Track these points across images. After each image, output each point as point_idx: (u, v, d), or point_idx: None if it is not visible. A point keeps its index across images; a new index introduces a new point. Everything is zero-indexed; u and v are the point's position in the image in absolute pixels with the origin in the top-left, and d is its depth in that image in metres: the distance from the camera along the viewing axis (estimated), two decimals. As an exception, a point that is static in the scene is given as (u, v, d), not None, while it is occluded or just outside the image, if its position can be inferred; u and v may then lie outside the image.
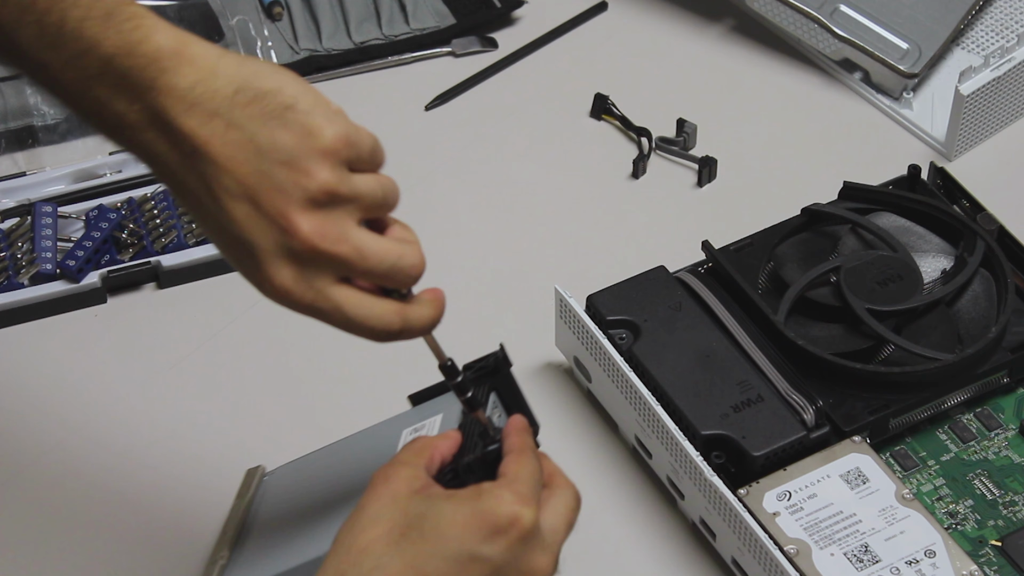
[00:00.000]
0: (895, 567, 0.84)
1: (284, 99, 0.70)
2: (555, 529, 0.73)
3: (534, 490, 0.73)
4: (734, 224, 1.04)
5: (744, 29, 1.25)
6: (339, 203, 0.70)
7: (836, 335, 0.95)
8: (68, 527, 0.94)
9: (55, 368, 1.03)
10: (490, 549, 0.70)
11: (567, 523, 0.74)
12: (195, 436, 0.99)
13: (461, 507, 0.71)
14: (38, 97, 1.16)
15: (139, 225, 1.08)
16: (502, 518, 0.71)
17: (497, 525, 0.70)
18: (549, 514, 0.73)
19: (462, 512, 0.71)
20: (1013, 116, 1.16)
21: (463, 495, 0.72)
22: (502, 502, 0.71)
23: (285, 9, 1.24)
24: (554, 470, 0.76)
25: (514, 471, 0.73)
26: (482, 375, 0.81)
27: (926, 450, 0.94)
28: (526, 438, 0.76)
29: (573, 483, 0.76)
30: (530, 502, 0.72)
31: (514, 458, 0.74)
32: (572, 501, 0.75)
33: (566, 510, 0.74)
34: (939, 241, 1.00)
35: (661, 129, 1.16)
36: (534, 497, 0.72)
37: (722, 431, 0.89)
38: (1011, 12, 1.22)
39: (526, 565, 0.71)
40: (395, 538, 0.70)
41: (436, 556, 0.70)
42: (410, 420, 0.85)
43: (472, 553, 0.70)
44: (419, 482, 0.73)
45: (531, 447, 0.75)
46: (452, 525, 0.70)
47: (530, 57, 1.23)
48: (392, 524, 0.71)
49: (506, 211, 1.12)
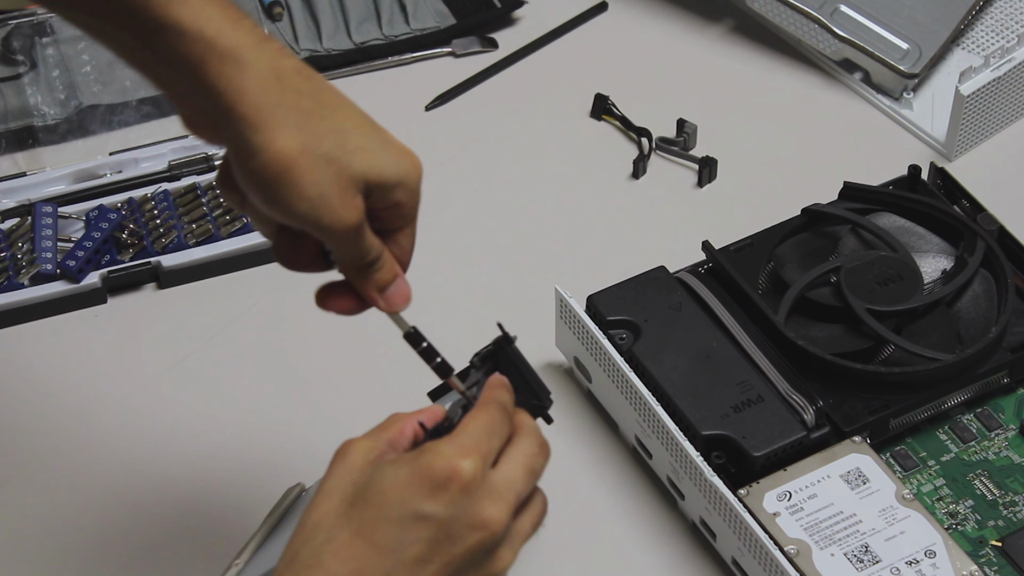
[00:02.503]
0: (895, 567, 0.84)
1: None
2: (509, 478, 0.71)
3: (479, 441, 0.70)
4: (734, 224, 1.04)
5: (744, 29, 1.25)
6: None
7: (836, 335, 0.95)
8: (67, 527, 0.94)
9: (55, 368, 1.03)
10: (432, 505, 0.68)
11: (526, 470, 0.72)
12: (195, 436, 0.99)
13: (402, 468, 0.69)
14: (38, 97, 1.16)
15: (139, 225, 1.08)
16: (440, 472, 0.68)
17: (435, 480, 0.68)
18: (505, 464, 0.71)
19: (402, 472, 0.69)
20: (1013, 116, 1.16)
21: (406, 457, 0.70)
22: (440, 456, 0.69)
23: (285, 9, 1.24)
24: (520, 423, 0.73)
25: (463, 425, 0.71)
26: (486, 357, 0.80)
27: (926, 450, 0.94)
28: (494, 393, 0.74)
29: (540, 431, 0.74)
30: (470, 453, 0.69)
31: (470, 414, 0.72)
32: (531, 448, 0.72)
33: (524, 456, 0.72)
34: (939, 241, 1.00)
35: (661, 129, 1.16)
36: (477, 448, 0.70)
37: (722, 431, 0.89)
38: (1011, 12, 1.22)
39: (475, 517, 0.69)
40: (344, 509, 0.69)
41: (381, 520, 0.68)
42: None
43: (415, 512, 0.68)
44: (374, 453, 0.71)
45: (495, 401, 0.73)
46: (393, 487, 0.69)
47: (530, 57, 1.23)
48: (343, 496, 0.70)
49: (506, 211, 1.12)
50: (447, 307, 1.04)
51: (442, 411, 0.75)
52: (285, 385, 1.02)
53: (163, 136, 1.14)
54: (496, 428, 0.72)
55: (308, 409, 1.00)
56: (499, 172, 1.15)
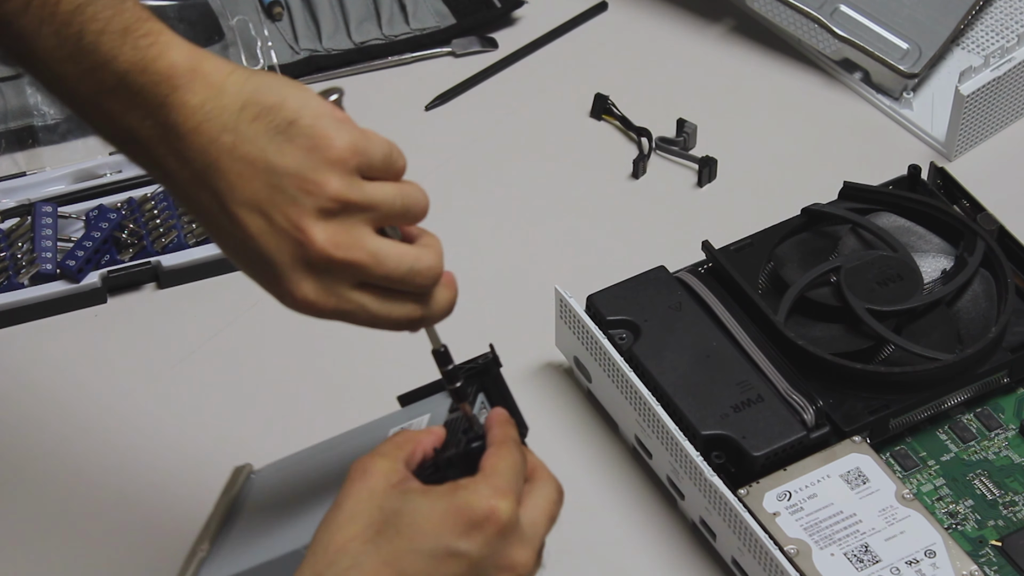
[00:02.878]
0: (895, 567, 0.84)
1: (287, 113, 0.70)
2: (535, 523, 0.72)
3: (512, 483, 0.71)
4: (734, 224, 1.04)
5: (744, 29, 1.25)
6: (352, 211, 0.70)
7: (836, 335, 0.95)
8: (68, 526, 0.94)
9: (55, 368, 1.03)
10: (467, 544, 0.69)
11: (548, 516, 0.73)
12: (195, 436, 0.99)
13: (438, 502, 0.70)
14: (38, 97, 1.16)
15: (139, 225, 1.08)
16: (479, 512, 0.69)
17: (474, 519, 0.69)
18: (529, 508, 0.72)
19: (439, 507, 0.70)
20: (1013, 116, 1.16)
21: (440, 490, 0.71)
22: (479, 496, 0.70)
23: (285, 9, 1.24)
24: (536, 464, 0.75)
25: (492, 464, 0.72)
26: (472, 375, 0.81)
27: (926, 450, 0.94)
28: (507, 430, 0.75)
29: (555, 476, 0.75)
30: (508, 495, 0.70)
31: (494, 451, 0.73)
32: (553, 494, 0.74)
33: (547, 503, 0.73)
34: (939, 241, 1.00)
35: (661, 129, 1.16)
36: (512, 490, 0.71)
37: (722, 431, 0.89)
38: (1011, 12, 1.22)
39: (505, 560, 0.70)
40: (371, 535, 0.69)
41: (413, 552, 0.69)
42: (398, 420, 0.85)
43: (449, 548, 0.69)
44: (396, 476, 0.72)
45: (512, 440, 0.74)
46: (428, 520, 0.69)
47: (530, 57, 1.23)
48: (369, 521, 0.70)
49: (506, 211, 1.12)
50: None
51: (443, 432, 0.76)
52: (285, 385, 1.02)
53: (163, 136, 1.14)
54: (520, 469, 0.73)
55: (308, 409, 1.00)
56: (499, 172, 1.15)
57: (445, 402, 0.82)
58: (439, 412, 0.82)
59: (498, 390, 0.81)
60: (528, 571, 0.71)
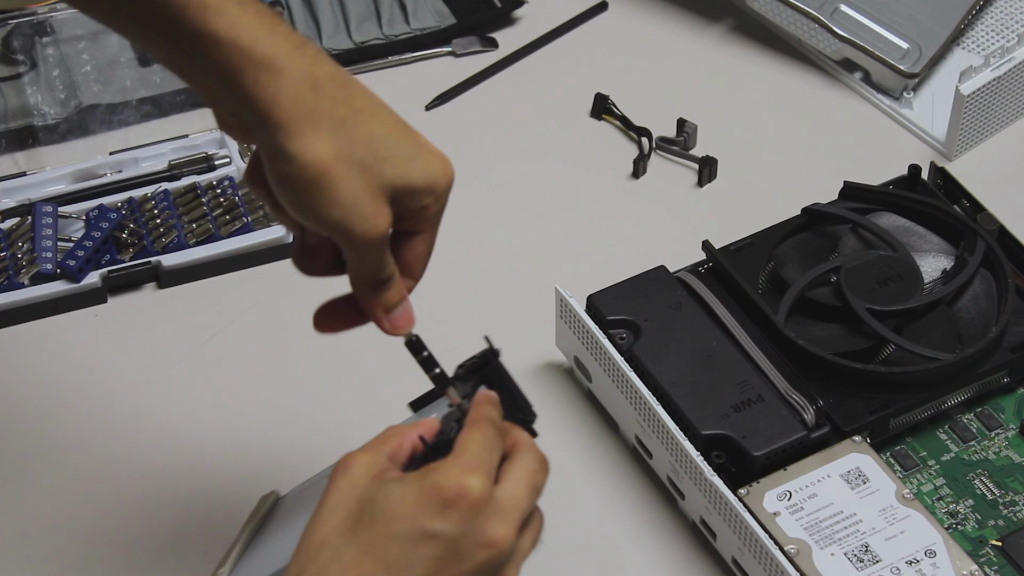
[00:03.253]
0: (895, 567, 0.84)
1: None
2: (514, 496, 0.71)
3: (482, 459, 0.71)
4: (734, 224, 1.04)
5: (744, 29, 1.25)
6: None
7: (836, 335, 0.95)
8: (67, 527, 0.94)
9: (55, 368, 1.03)
10: (441, 524, 0.69)
11: (529, 487, 0.72)
12: (195, 436, 0.99)
13: (409, 486, 0.69)
14: (38, 97, 1.16)
15: (139, 225, 1.08)
16: (449, 490, 0.69)
17: (444, 498, 0.69)
18: (508, 481, 0.71)
19: (410, 490, 0.69)
20: (1013, 116, 1.16)
21: (413, 475, 0.70)
22: (447, 475, 0.69)
23: (285, 9, 1.24)
24: (518, 438, 0.74)
25: (463, 443, 0.71)
26: (472, 370, 0.81)
27: (926, 450, 0.94)
28: (482, 410, 0.74)
29: (538, 447, 0.74)
30: (477, 471, 0.70)
31: (465, 431, 0.72)
32: (533, 464, 0.73)
33: (526, 474, 0.72)
34: (939, 241, 1.00)
35: (661, 129, 1.16)
36: (482, 466, 0.70)
37: (722, 431, 0.89)
38: (1011, 12, 1.22)
39: (483, 536, 0.69)
40: (350, 526, 0.69)
41: (389, 538, 0.68)
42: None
43: (424, 530, 0.68)
44: (376, 468, 0.71)
45: (486, 418, 0.73)
46: (401, 504, 0.69)
47: (530, 57, 1.23)
48: (347, 513, 0.70)
49: (506, 211, 1.12)
50: (447, 307, 1.04)
51: (437, 424, 0.75)
52: (285, 385, 1.02)
53: (163, 136, 1.14)
54: (493, 444, 0.72)
55: (308, 409, 1.00)
56: (499, 172, 1.15)
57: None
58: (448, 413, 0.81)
59: (499, 379, 0.80)
60: (509, 545, 0.70)
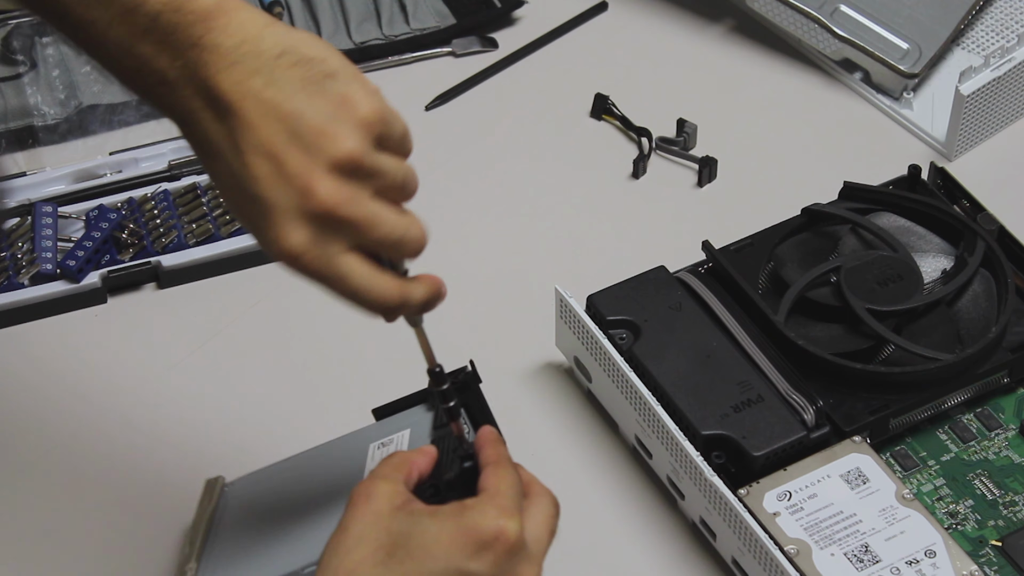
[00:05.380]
0: (895, 567, 0.84)
1: (327, 68, 0.71)
2: (538, 538, 0.74)
3: (516, 502, 0.73)
4: (734, 224, 1.04)
5: (744, 29, 1.25)
6: (361, 174, 0.71)
7: (836, 335, 0.95)
8: (68, 526, 0.94)
9: (55, 368, 1.03)
10: (477, 564, 0.70)
11: (549, 531, 0.75)
12: (195, 436, 0.98)
13: (446, 523, 0.71)
14: (38, 97, 1.16)
15: (139, 225, 1.08)
16: (487, 533, 0.71)
17: (483, 540, 0.71)
18: (531, 524, 0.74)
19: (447, 529, 0.71)
20: (1013, 116, 1.16)
21: (447, 511, 0.72)
22: (486, 516, 0.71)
23: (285, 9, 1.24)
24: (530, 479, 0.76)
25: (494, 484, 0.73)
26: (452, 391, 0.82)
27: (926, 450, 0.94)
28: (501, 449, 0.76)
29: (549, 489, 0.76)
30: (513, 514, 0.72)
31: (492, 471, 0.74)
32: (551, 508, 0.75)
33: (546, 518, 0.75)
34: (939, 241, 1.00)
35: (661, 129, 1.16)
36: (516, 509, 0.72)
37: (722, 431, 0.89)
38: (1011, 12, 1.22)
39: None
40: (381, 558, 0.70)
41: (424, 574, 0.70)
42: (376, 434, 0.85)
43: (460, 569, 0.70)
44: (400, 498, 0.73)
45: (507, 458, 0.76)
46: (438, 542, 0.70)
47: (530, 57, 1.23)
48: (377, 544, 0.71)
49: (506, 211, 1.12)
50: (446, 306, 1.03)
51: (435, 451, 0.77)
52: (285, 385, 1.02)
53: (163, 136, 1.14)
54: (519, 486, 0.74)
55: (308, 409, 1.00)
56: (499, 172, 1.15)
57: (424, 416, 0.82)
58: (420, 427, 0.82)
59: (478, 406, 0.82)
60: None
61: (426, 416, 0.83)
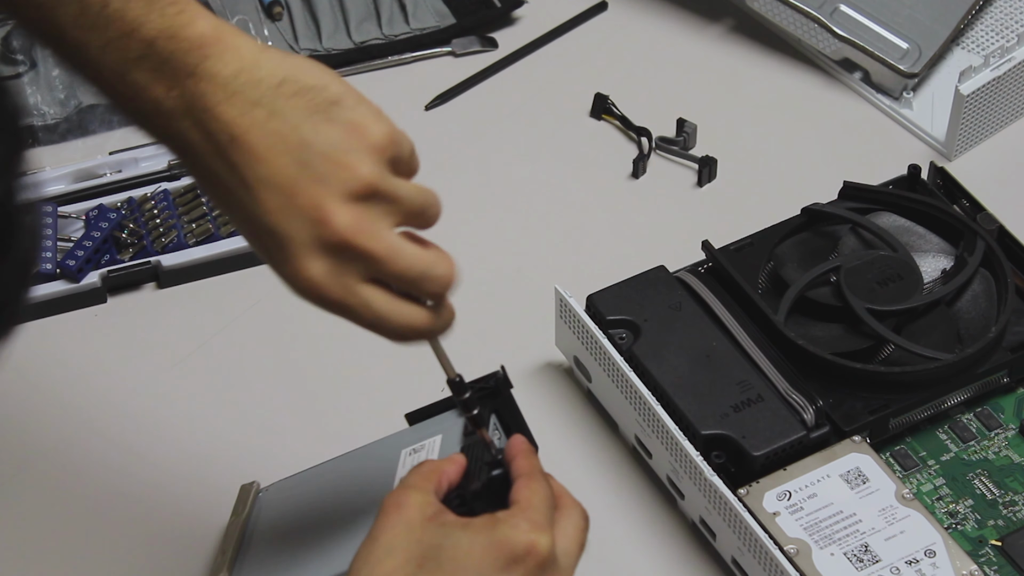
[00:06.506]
0: (895, 567, 0.84)
1: (330, 95, 0.70)
2: (568, 552, 0.73)
3: (548, 516, 0.73)
4: (734, 224, 1.04)
5: (744, 29, 1.25)
6: (378, 201, 0.69)
7: (836, 335, 0.95)
8: (67, 528, 0.94)
9: (55, 368, 1.03)
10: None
11: (579, 544, 0.74)
12: (195, 436, 0.99)
13: (478, 536, 0.71)
14: (38, 97, 1.16)
15: (139, 225, 1.08)
16: (519, 547, 0.70)
17: (515, 554, 0.70)
18: (561, 537, 0.73)
19: (479, 542, 0.70)
20: (1013, 116, 1.16)
21: (479, 524, 0.71)
22: (518, 531, 0.71)
23: (285, 9, 1.24)
24: (561, 491, 0.76)
25: (526, 497, 0.73)
26: (483, 396, 0.81)
27: (926, 450, 0.94)
28: (533, 461, 0.75)
29: (579, 502, 0.76)
30: (545, 529, 0.71)
31: (524, 483, 0.74)
32: (581, 522, 0.75)
33: (576, 532, 0.74)
34: (939, 241, 1.00)
35: (661, 129, 1.16)
36: (548, 523, 0.72)
37: (722, 431, 0.89)
38: (1011, 12, 1.22)
39: None
40: (412, 569, 0.70)
41: None
42: (408, 440, 0.84)
43: None
44: (431, 509, 0.72)
45: (539, 470, 0.75)
46: (469, 555, 0.70)
47: (530, 57, 1.23)
48: (408, 554, 0.70)
49: (506, 211, 1.12)
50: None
51: (463, 459, 0.76)
52: (285, 385, 1.02)
53: (163, 136, 1.14)
54: (551, 500, 0.74)
55: (308, 409, 1.00)
56: (499, 172, 1.15)
57: (456, 422, 0.82)
58: (451, 433, 0.81)
59: (510, 412, 0.81)
60: None
61: (458, 422, 0.82)
